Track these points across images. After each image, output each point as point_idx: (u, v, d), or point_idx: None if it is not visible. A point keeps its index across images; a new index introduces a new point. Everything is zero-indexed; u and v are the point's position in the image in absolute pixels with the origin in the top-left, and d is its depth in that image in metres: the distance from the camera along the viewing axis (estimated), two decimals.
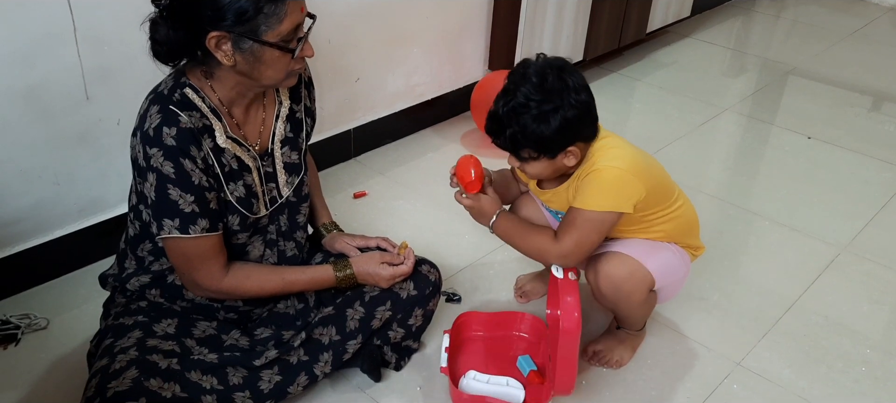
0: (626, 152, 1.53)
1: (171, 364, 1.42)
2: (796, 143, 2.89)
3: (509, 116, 1.44)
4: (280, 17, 1.32)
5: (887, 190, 2.59)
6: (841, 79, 3.50)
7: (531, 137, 1.44)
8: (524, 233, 1.60)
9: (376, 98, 2.62)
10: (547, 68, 1.44)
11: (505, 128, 1.46)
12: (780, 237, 2.32)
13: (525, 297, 1.99)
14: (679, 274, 1.70)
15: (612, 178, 1.49)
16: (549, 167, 1.51)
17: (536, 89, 1.42)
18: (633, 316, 1.72)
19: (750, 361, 1.82)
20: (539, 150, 1.47)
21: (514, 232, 1.61)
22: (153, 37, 1.34)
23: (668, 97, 3.24)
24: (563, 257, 1.54)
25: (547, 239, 1.56)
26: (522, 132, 1.44)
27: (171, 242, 1.42)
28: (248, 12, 1.29)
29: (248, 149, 1.48)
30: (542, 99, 1.41)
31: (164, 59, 1.37)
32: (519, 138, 1.45)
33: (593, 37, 3.15)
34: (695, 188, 2.55)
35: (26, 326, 1.79)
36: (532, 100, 1.42)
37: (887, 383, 1.78)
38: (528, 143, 1.46)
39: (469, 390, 1.63)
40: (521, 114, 1.42)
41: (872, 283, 2.12)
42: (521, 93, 1.42)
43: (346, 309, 1.59)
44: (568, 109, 1.42)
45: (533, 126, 1.42)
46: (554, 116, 1.42)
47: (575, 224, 1.52)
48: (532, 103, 1.42)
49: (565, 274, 1.53)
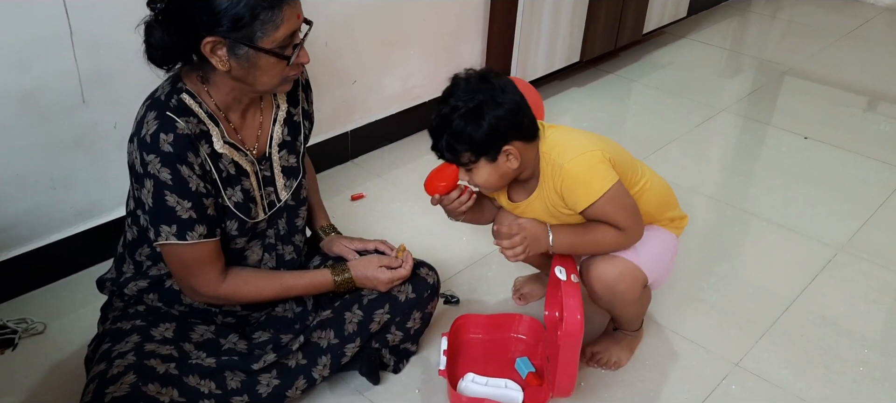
0: (574, 139, 1.57)
1: (169, 368, 1.41)
2: (793, 144, 2.90)
3: (442, 123, 1.48)
4: (276, 23, 1.31)
5: (884, 189, 2.59)
6: (837, 79, 3.51)
7: (465, 139, 1.47)
8: (588, 235, 1.57)
9: (373, 100, 2.62)
10: (471, 76, 1.49)
11: (441, 134, 1.49)
12: (777, 237, 2.32)
13: (524, 299, 1.99)
14: (667, 259, 1.69)
15: (584, 165, 1.51)
16: (494, 173, 1.52)
17: (463, 91, 1.47)
18: (628, 314, 1.72)
19: (748, 362, 1.83)
20: (476, 152, 1.49)
21: (577, 238, 1.58)
22: (148, 40, 1.33)
23: (665, 98, 3.24)
24: (635, 237, 1.58)
25: (611, 233, 1.55)
26: (455, 135, 1.47)
27: (168, 248, 1.42)
28: (245, 19, 1.29)
29: (246, 154, 1.48)
30: (468, 99, 1.45)
31: (159, 63, 1.37)
32: (453, 143, 1.48)
33: (590, 38, 3.16)
34: (692, 189, 2.55)
35: (23, 331, 1.79)
36: (460, 101, 1.46)
37: (885, 383, 1.79)
38: (464, 146, 1.48)
39: (467, 392, 1.63)
40: (451, 119, 1.46)
41: (870, 283, 2.13)
42: (451, 99, 1.47)
43: (345, 312, 1.59)
44: (495, 107, 1.45)
45: (464, 127, 1.45)
46: (482, 114, 1.45)
47: (612, 208, 1.52)
48: (460, 105, 1.45)
49: (568, 276, 1.53)
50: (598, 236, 1.56)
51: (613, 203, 1.51)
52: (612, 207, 1.52)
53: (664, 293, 2.03)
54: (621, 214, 1.53)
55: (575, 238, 1.57)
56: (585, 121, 3.00)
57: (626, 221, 1.54)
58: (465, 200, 1.62)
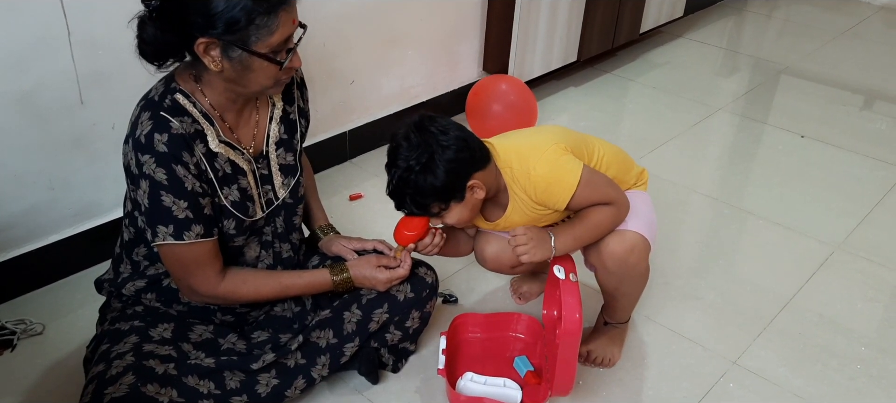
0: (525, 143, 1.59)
1: (168, 369, 1.42)
2: (789, 142, 2.90)
3: (400, 185, 1.48)
4: (271, 29, 1.31)
5: (880, 187, 2.60)
6: (833, 77, 3.52)
7: (429, 192, 1.47)
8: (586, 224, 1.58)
9: (371, 100, 2.62)
10: (409, 130, 1.49)
11: (404, 197, 1.50)
12: (774, 236, 2.33)
13: (523, 298, 1.99)
14: (652, 216, 1.71)
15: (549, 165, 1.53)
16: (465, 209, 1.53)
17: (408, 149, 1.46)
18: (634, 293, 1.72)
19: (746, 360, 1.83)
20: (444, 199, 1.50)
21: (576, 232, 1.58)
22: (140, 35, 1.33)
23: (662, 97, 3.25)
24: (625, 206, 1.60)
25: (604, 211, 1.57)
26: (419, 192, 1.48)
27: (165, 248, 1.42)
28: (240, 23, 1.28)
29: (242, 153, 1.48)
30: (418, 154, 1.45)
31: (150, 59, 1.36)
32: (419, 199, 1.49)
33: (587, 37, 3.16)
34: (689, 188, 2.55)
35: (22, 332, 1.79)
36: (411, 160, 1.45)
37: (882, 380, 1.79)
38: (430, 198, 1.49)
39: (466, 391, 1.63)
40: (407, 178, 1.46)
41: (866, 281, 2.14)
42: (400, 160, 1.47)
43: (343, 311, 1.59)
44: (444, 151, 1.45)
45: (423, 181, 1.46)
46: (435, 163, 1.45)
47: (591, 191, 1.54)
48: (412, 162, 1.45)
49: (566, 275, 1.54)
50: (594, 220, 1.57)
51: (590, 186, 1.54)
52: (590, 190, 1.54)
53: (662, 291, 2.03)
54: (602, 191, 1.56)
55: (574, 233, 1.58)
56: (583, 121, 3.01)
57: (609, 195, 1.57)
58: (437, 241, 1.64)
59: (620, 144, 1.69)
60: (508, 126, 2.69)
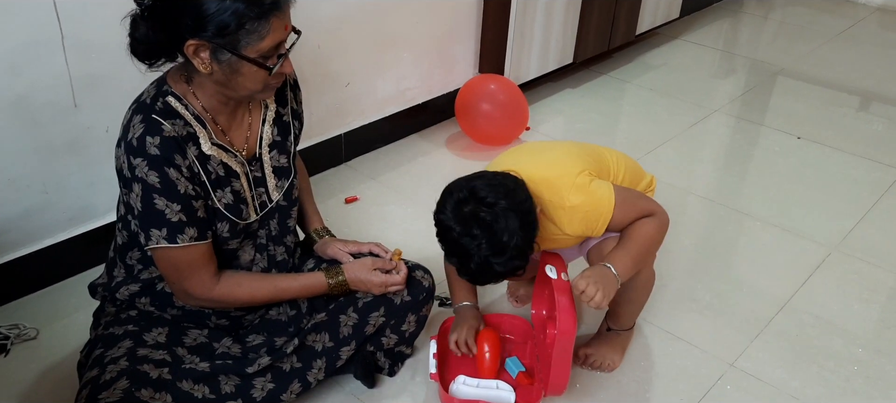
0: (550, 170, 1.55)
1: (163, 373, 1.41)
2: (786, 144, 2.90)
3: (484, 271, 1.45)
4: (262, 35, 1.31)
5: (877, 189, 2.60)
6: (829, 79, 3.52)
7: (517, 259, 1.44)
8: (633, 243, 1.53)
9: (367, 103, 2.62)
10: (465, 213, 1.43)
11: (497, 276, 1.47)
12: (770, 237, 2.33)
13: (520, 302, 1.99)
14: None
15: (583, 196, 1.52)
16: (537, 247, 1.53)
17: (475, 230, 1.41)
18: (638, 298, 1.71)
19: (743, 362, 1.83)
20: (527, 254, 1.47)
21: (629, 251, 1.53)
22: (133, 34, 1.33)
23: (658, 99, 3.25)
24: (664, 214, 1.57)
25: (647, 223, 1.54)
26: (506, 266, 1.44)
27: (159, 252, 1.42)
28: (230, 27, 1.28)
29: (235, 155, 1.48)
30: (488, 236, 1.41)
31: (142, 58, 1.36)
32: (512, 268, 1.46)
33: (582, 39, 3.16)
34: (685, 189, 2.55)
35: (16, 336, 1.78)
36: (482, 244, 1.41)
37: (878, 382, 1.79)
38: (519, 264, 1.46)
39: (459, 395, 1.62)
40: (491, 262, 1.42)
41: (863, 282, 2.14)
42: (472, 248, 1.42)
43: (340, 315, 1.59)
44: (511, 217, 1.41)
45: (505, 257, 1.42)
46: (508, 234, 1.41)
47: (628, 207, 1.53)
48: (484, 245, 1.41)
49: (559, 274, 1.54)
50: (642, 235, 1.53)
51: (625, 205, 1.53)
52: (625, 209, 1.53)
53: (658, 293, 2.03)
54: (638, 206, 1.55)
55: (630, 254, 1.52)
56: (579, 123, 3.00)
57: (645, 208, 1.55)
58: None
59: (617, 147, 1.69)
60: (499, 126, 2.69)
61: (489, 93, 2.65)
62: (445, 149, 2.76)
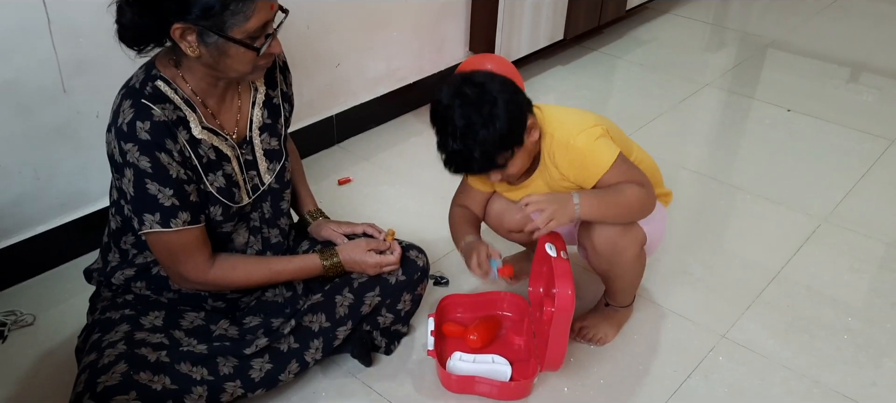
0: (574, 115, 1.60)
1: (160, 356, 1.42)
2: (776, 116, 2.92)
3: (466, 142, 1.45)
4: (247, 15, 1.30)
5: (866, 159, 2.62)
6: (819, 50, 3.53)
7: (497, 142, 1.46)
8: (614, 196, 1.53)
9: (358, 83, 2.61)
10: (457, 88, 1.47)
11: (472, 154, 1.47)
12: (761, 210, 2.35)
13: (515, 280, 2.00)
14: (661, 225, 1.73)
15: (588, 141, 1.54)
16: (525, 154, 1.54)
17: (466, 105, 1.45)
18: (626, 277, 1.72)
19: (734, 333, 1.85)
20: (509, 146, 1.49)
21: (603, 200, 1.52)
22: (119, 20, 1.32)
23: (649, 74, 3.25)
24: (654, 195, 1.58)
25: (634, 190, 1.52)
26: (486, 144, 1.45)
27: (153, 237, 1.42)
28: (214, 8, 1.27)
29: (226, 139, 1.47)
30: (477, 107, 1.44)
31: (130, 43, 1.35)
32: (488, 152, 1.47)
33: (573, 15, 3.15)
34: (677, 164, 2.56)
35: (13, 323, 1.78)
36: (471, 114, 1.44)
37: (869, 350, 1.82)
38: (498, 149, 1.47)
39: (457, 371, 1.64)
40: (473, 134, 1.44)
41: (853, 253, 2.16)
42: (458, 118, 1.44)
43: (335, 295, 1.59)
44: (501, 96, 1.45)
45: (489, 133, 1.44)
46: (497, 110, 1.44)
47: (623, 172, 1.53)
48: (473, 116, 1.44)
49: (558, 252, 1.55)
50: (623, 195, 1.52)
51: (623, 167, 1.55)
52: (621, 171, 1.54)
53: (651, 266, 2.04)
54: (634, 174, 1.56)
55: (601, 200, 1.52)
56: (570, 100, 3.00)
57: (641, 180, 1.56)
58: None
59: None
60: None
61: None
62: None
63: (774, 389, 1.70)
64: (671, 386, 1.70)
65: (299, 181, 1.78)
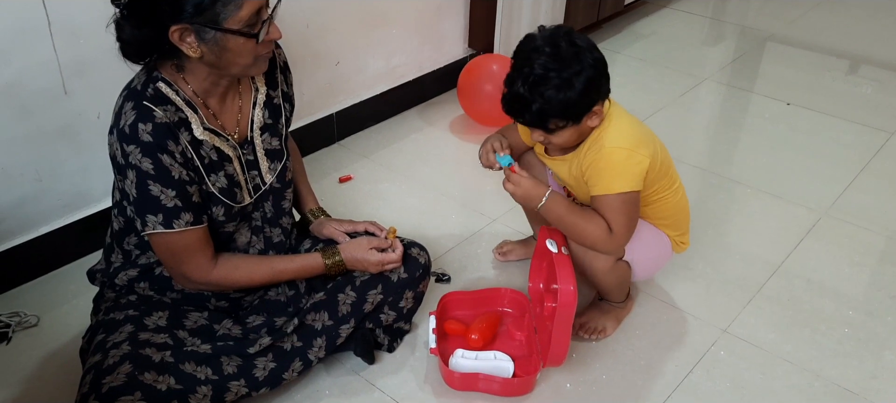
0: (631, 128, 1.56)
1: (165, 356, 1.42)
2: (776, 110, 2.92)
3: (533, 91, 1.43)
4: (238, 3, 1.31)
5: (866, 152, 2.63)
6: (818, 44, 3.53)
7: (558, 106, 1.44)
8: (577, 218, 1.56)
9: (357, 81, 2.61)
10: (556, 36, 1.45)
11: (530, 105, 1.44)
12: (762, 203, 2.35)
13: (504, 256, 2.03)
14: (652, 253, 1.73)
15: (622, 160, 1.51)
16: (574, 133, 1.52)
17: (552, 58, 1.42)
18: (602, 283, 1.73)
19: (736, 327, 1.86)
20: (567, 118, 1.47)
21: (567, 215, 1.56)
22: (120, 37, 1.33)
23: (649, 68, 3.25)
24: (619, 248, 1.59)
25: (601, 229, 1.53)
26: (548, 104, 1.43)
27: (156, 237, 1.42)
28: (205, 2, 1.28)
29: (227, 139, 1.48)
30: (560, 66, 1.41)
31: (134, 58, 1.36)
32: (546, 110, 1.44)
33: (572, 10, 3.15)
34: (677, 158, 2.55)
35: (17, 324, 1.79)
36: (552, 69, 1.41)
37: (869, 343, 1.82)
38: (556, 114, 1.45)
39: (459, 368, 1.65)
40: (543, 87, 1.42)
41: (853, 246, 2.16)
42: (538, 66, 1.42)
43: (338, 293, 1.60)
44: (588, 69, 1.43)
45: (558, 95, 1.42)
46: (578, 80, 1.42)
47: (617, 209, 1.52)
48: (552, 73, 1.41)
49: (559, 248, 1.55)
50: (586, 224, 1.55)
51: (622, 207, 1.52)
52: (617, 207, 1.52)
53: None
54: (621, 219, 1.53)
55: (564, 213, 1.56)
56: None
57: (620, 227, 1.53)
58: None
59: None
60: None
61: (491, 74, 2.63)
62: (438, 126, 2.76)
63: (776, 383, 1.71)
64: (673, 381, 1.70)
65: (300, 180, 1.78)
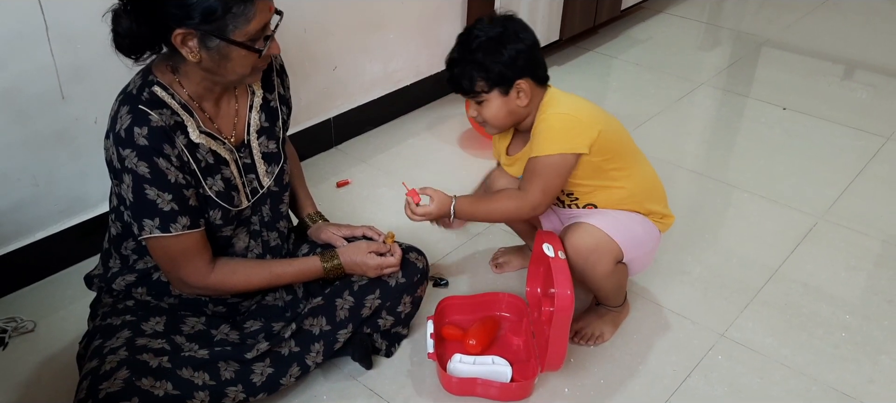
0: (575, 100, 1.64)
1: (162, 362, 1.42)
2: (772, 115, 2.93)
3: (463, 53, 1.57)
4: (248, 17, 1.31)
5: (862, 157, 2.63)
6: (814, 48, 3.55)
7: (483, 66, 1.55)
8: (487, 202, 1.69)
9: (355, 86, 2.62)
10: (499, 18, 1.59)
11: (460, 63, 1.58)
12: (758, 208, 2.36)
13: (500, 268, 2.03)
14: (647, 247, 1.73)
15: (560, 123, 1.58)
16: (503, 107, 1.59)
17: (488, 26, 1.57)
18: (602, 288, 1.73)
19: (733, 332, 1.86)
20: (491, 81, 1.56)
21: (478, 204, 1.68)
22: (115, 29, 1.32)
23: (645, 73, 3.26)
24: (533, 207, 1.63)
25: (513, 197, 1.65)
26: (475, 63, 1.55)
27: (153, 242, 1.42)
28: (216, 12, 1.28)
29: (224, 142, 1.48)
30: (490, 33, 1.55)
31: (127, 52, 1.35)
32: (472, 71, 1.56)
33: (569, 16, 3.16)
34: (673, 163, 2.57)
35: (13, 329, 1.78)
36: (481, 35, 1.55)
37: (866, 347, 1.83)
38: (482, 73, 1.55)
39: (457, 373, 1.65)
40: (473, 49, 1.55)
41: (850, 250, 2.17)
42: (475, 30, 1.57)
43: (336, 298, 1.60)
44: (515, 41, 1.55)
45: (485, 56, 1.54)
46: (504, 44, 1.54)
47: (536, 171, 1.60)
48: (481, 36, 1.55)
49: (555, 252, 1.55)
50: (496, 203, 1.67)
51: (552, 168, 1.58)
52: (549, 170, 1.59)
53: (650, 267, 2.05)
54: (537, 181, 1.60)
55: (477, 205, 1.68)
56: None
57: (539, 191, 1.60)
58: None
59: None
60: None
61: None
62: (435, 131, 2.76)
63: (774, 387, 1.71)
64: (671, 386, 1.71)
65: (298, 184, 1.78)
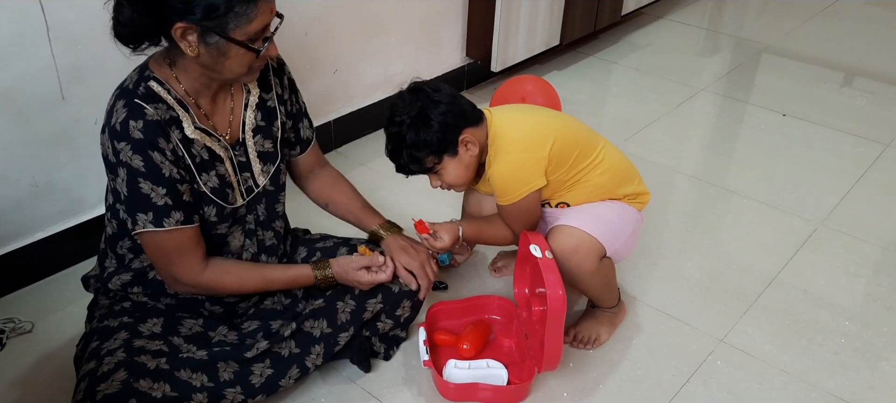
0: (518, 128, 1.65)
1: (160, 363, 1.42)
2: (771, 121, 2.93)
3: (397, 144, 1.58)
4: (250, 17, 1.31)
5: (861, 163, 2.64)
6: (813, 55, 3.55)
7: (422, 145, 1.56)
8: (487, 228, 1.76)
9: (355, 88, 2.62)
10: (403, 94, 1.60)
11: (401, 153, 1.59)
12: (758, 214, 2.36)
13: (499, 273, 2.04)
14: (627, 232, 1.72)
15: (510, 171, 1.61)
16: (460, 166, 1.61)
17: (402, 107, 1.57)
18: (591, 287, 1.73)
19: (732, 337, 1.86)
20: (437, 152, 1.58)
21: (479, 231, 1.77)
22: (116, 17, 1.32)
23: (645, 79, 3.26)
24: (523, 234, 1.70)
25: (507, 231, 1.74)
26: (413, 146, 1.56)
27: (146, 236, 1.42)
28: (219, 9, 1.28)
29: (219, 139, 1.48)
30: (411, 113, 1.55)
31: (126, 42, 1.35)
32: (414, 153, 1.57)
33: (569, 21, 3.16)
34: (673, 169, 2.57)
35: (11, 330, 1.78)
36: (405, 119, 1.56)
37: (865, 353, 1.83)
38: (424, 151, 1.57)
39: (453, 378, 1.64)
40: (403, 136, 1.56)
41: (849, 256, 2.17)
42: (394, 124, 1.58)
43: (337, 301, 1.60)
44: (435, 106, 1.56)
45: (416, 136, 1.55)
46: (428, 116, 1.55)
47: (509, 216, 1.69)
48: (405, 120, 1.56)
49: (543, 253, 1.55)
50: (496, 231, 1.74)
51: (522, 209, 1.66)
52: (513, 216, 1.68)
53: (648, 271, 2.06)
54: (518, 219, 1.69)
55: (479, 231, 1.76)
56: (567, 105, 3.00)
57: (519, 226, 1.70)
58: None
59: (604, 128, 1.70)
60: None
61: (527, 94, 2.59)
62: None
63: (773, 393, 1.71)
64: (670, 391, 1.70)
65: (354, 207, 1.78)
